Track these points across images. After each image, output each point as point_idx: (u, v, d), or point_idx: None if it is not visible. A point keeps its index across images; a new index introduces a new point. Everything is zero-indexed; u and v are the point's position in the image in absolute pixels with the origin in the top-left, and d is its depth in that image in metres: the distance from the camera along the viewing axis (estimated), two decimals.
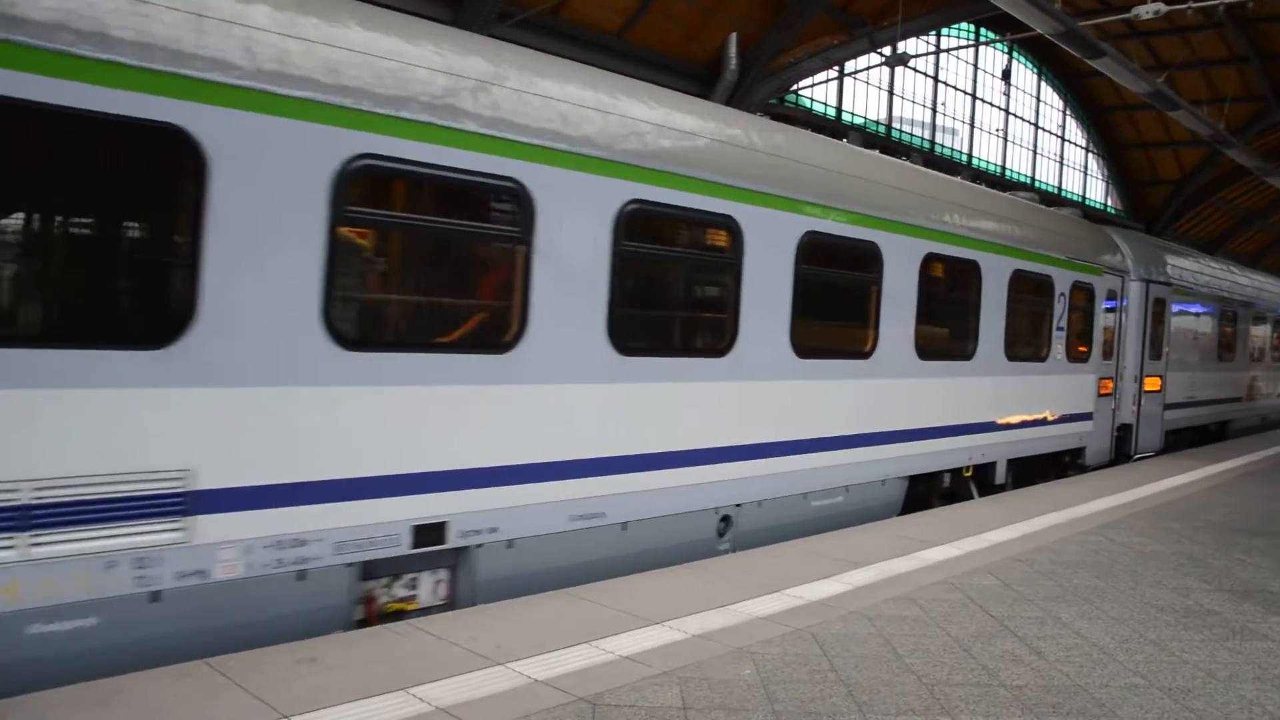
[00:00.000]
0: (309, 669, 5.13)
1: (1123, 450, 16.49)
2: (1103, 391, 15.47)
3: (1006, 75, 35.57)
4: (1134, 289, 16.65)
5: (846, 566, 7.92)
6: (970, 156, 36.73)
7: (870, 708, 5.12)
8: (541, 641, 5.74)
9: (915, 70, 33.37)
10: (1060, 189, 42.53)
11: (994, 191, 14.43)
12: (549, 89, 7.25)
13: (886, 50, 24.86)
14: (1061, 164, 42.97)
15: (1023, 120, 40.24)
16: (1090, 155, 44.75)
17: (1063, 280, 14.02)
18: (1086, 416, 15.06)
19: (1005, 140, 39.20)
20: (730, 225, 8.56)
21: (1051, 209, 15.61)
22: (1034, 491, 12.38)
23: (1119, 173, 45.74)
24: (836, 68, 28.52)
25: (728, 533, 8.81)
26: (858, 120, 30.71)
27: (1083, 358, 14.82)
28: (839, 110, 30.04)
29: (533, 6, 19.93)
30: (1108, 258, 15.73)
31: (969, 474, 12.35)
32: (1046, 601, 7.34)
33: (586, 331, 7.43)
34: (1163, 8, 17.58)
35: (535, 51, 7.80)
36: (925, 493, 11.69)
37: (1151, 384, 16.90)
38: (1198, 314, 20.18)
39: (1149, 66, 28.64)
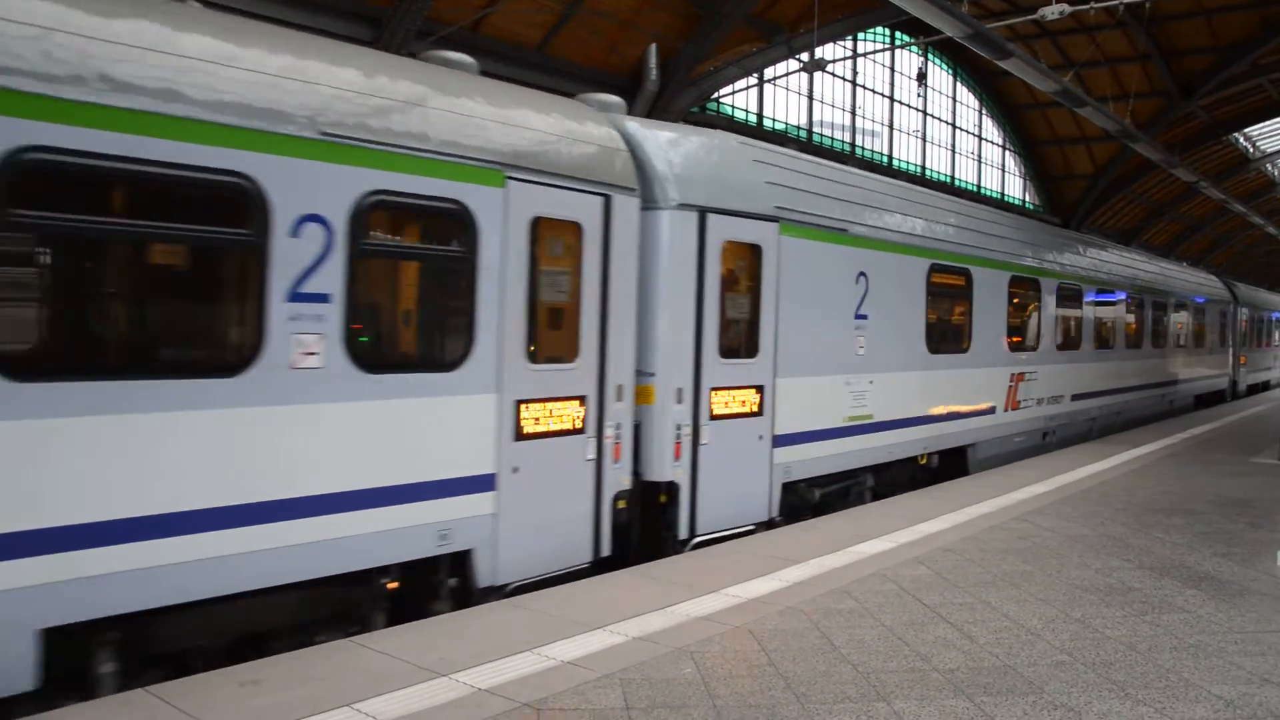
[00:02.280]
0: (253, 691, 5.13)
1: (648, 539, 9.12)
2: (534, 431, 7.64)
3: (921, 77, 36.23)
4: (662, 221, 8.98)
5: (783, 564, 8.08)
6: (890, 158, 37.40)
7: (808, 698, 5.26)
8: (485, 651, 5.80)
9: (833, 75, 33.90)
10: (979, 186, 43.47)
11: None
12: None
13: (804, 56, 25.25)
14: (980, 162, 43.92)
15: (940, 121, 41.07)
16: (1007, 153, 45.78)
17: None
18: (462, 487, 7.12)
19: (924, 141, 39.98)
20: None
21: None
22: (962, 483, 12.69)
23: (1035, 169, 46.85)
24: (756, 75, 28.87)
25: None
26: (779, 126, 31.12)
27: (426, 362, 7.22)
28: (760, 116, 30.43)
29: (452, 24, 19.93)
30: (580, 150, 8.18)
31: None
32: (976, 588, 7.57)
33: None
34: (1067, 8, 18.08)
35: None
36: None
37: (731, 400, 9.42)
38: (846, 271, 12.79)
39: (1058, 65, 29.42)
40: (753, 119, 30.03)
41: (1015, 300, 15.63)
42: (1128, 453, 16.04)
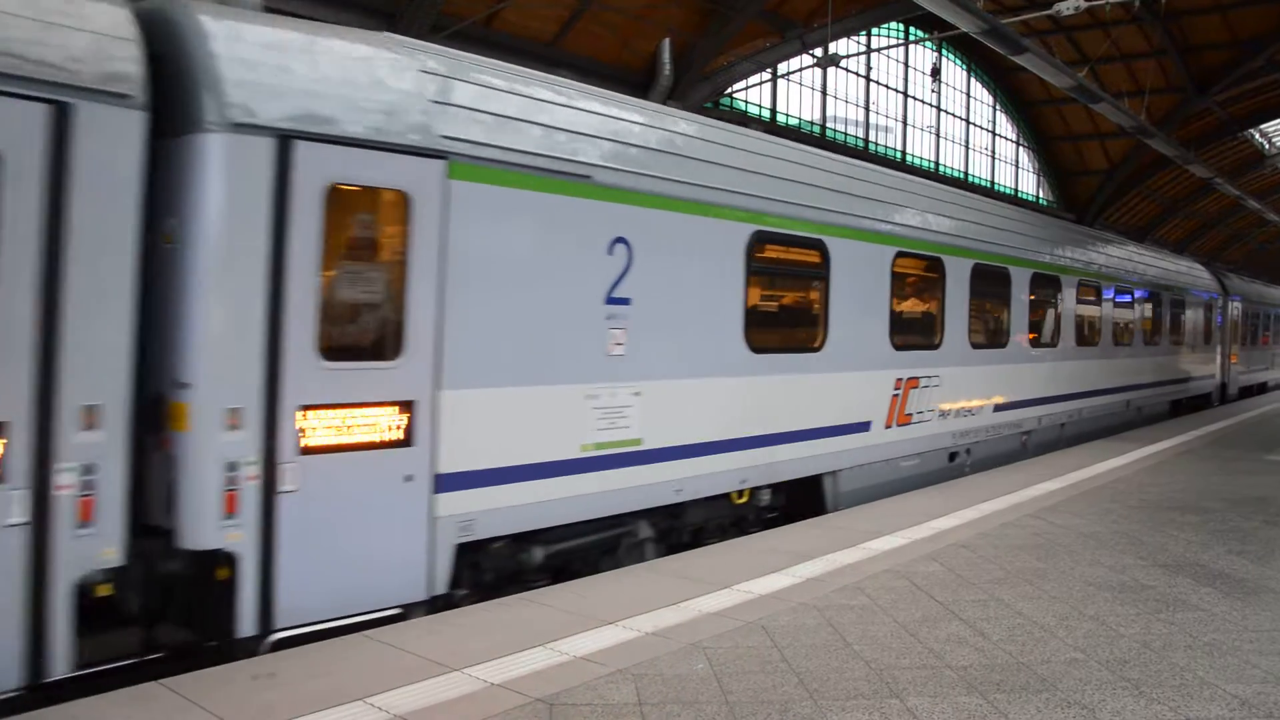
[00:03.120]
0: (266, 684, 5.15)
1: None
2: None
3: (936, 73, 36.21)
4: (203, 150, 6.02)
5: (795, 560, 8.07)
6: (904, 154, 37.29)
7: (821, 694, 5.25)
8: (497, 646, 5.81)
9: (847, 70, 33.83)
10: (993, 182, 43.31)
11: None
12: None
13: (818, 51, 25.20)
14: (993, 158, 43.76)
15: (954, 116, 40.94)
16: (1021, 148, 45.61)
17: None
18: None
19: (938, 136, 39.84)
20: None
21: None
22: (977, 479, 12.65)
23: (1049, 165, 46.67)
24: (769, 70, 28.83)
25: None
26: (792, 121, 31.06)
27: None
28: (773, 112, 30.37)
29: (465, 18, 19.95)
30: None
31: None
32: (989, 584, 7.54)
33: None
34: (1082, 4, 18.00)
35: None
36: None
37: (345, 423, 6.46)
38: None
39: (1073, 61, 29.32)
40: (766, 114, 29.98)
41: (905, 284, 12.47)
42: (1142, 450, 15.96)
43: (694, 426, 9.03)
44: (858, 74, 34.70)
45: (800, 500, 10.62)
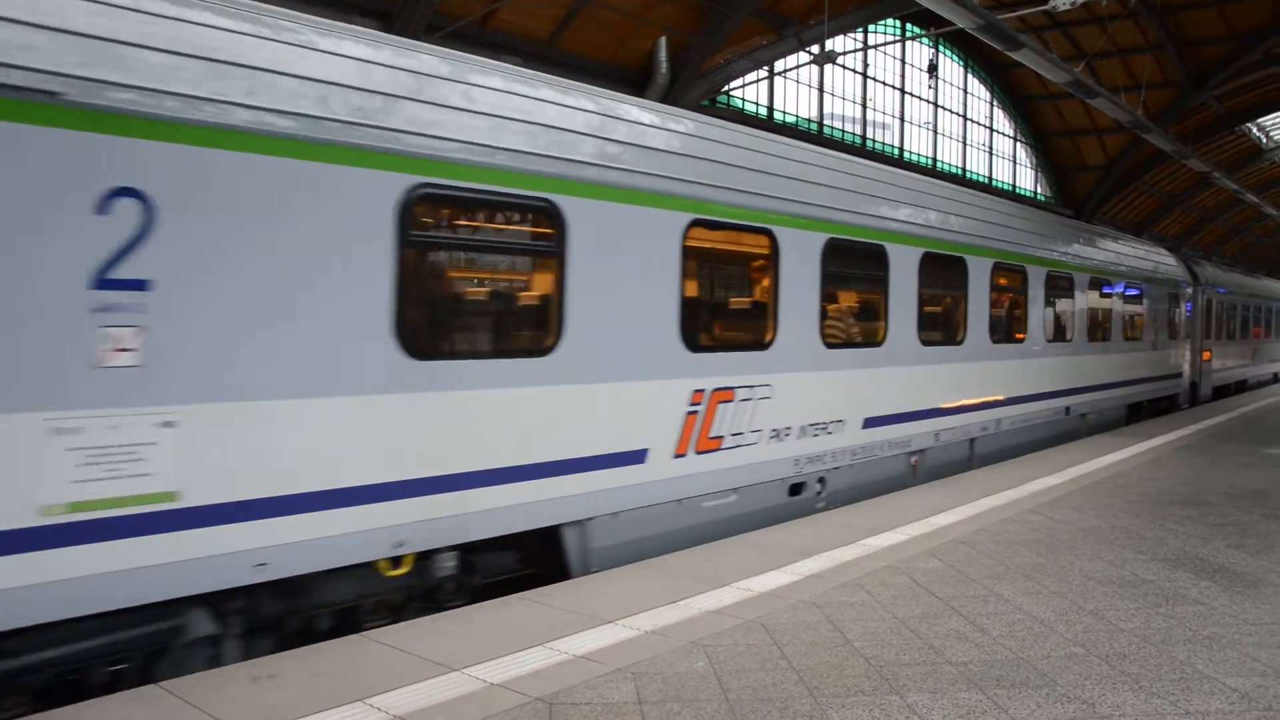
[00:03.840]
0: (267, 686, 5.15)
1: None
2: None
3: (932, 69, 36.19)
4: None
5: (795, 557, 8.07)
6: (901, 150, 37.29)
7: (821, 691, 5.25)
8: (497, 646, 5.81)
9: (844, 67, 33.82)
10: (991, 178, 43.30)
11: None
12: None
13: (815, 49, 25.21)
14: (991, 154, 43.76)
15: (951, 112, 40.93)
16: (1018, 144, 45.61)
17: None
18: None
19: (935, 133, 39.84)
20: None
21: None
22: (976, 475, 12.64)
23: (1047, 161, 46.67)
24: (766, 68, 28.81)
25: None
26: (790, 119, 31.05)
27: None
28: (770, 109, 30.36)
29: (461, 18, 19.94)
30: None
31: None
32: (989, 580, 7.54)
33: None
34: None
35: None
36: None
37: None
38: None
39: (1070, 56, 29.36)
40: (763, 112, 29.97)
41: (707, 265, 9.79)
42: (1141, 444, 15.96)
43: (299, 467, 6.16)
44: (855, 71, 34.70)
45: (537, 560, 8.09)
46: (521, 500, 7.41)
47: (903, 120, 37.73)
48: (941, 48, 38.73)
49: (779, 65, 29.29)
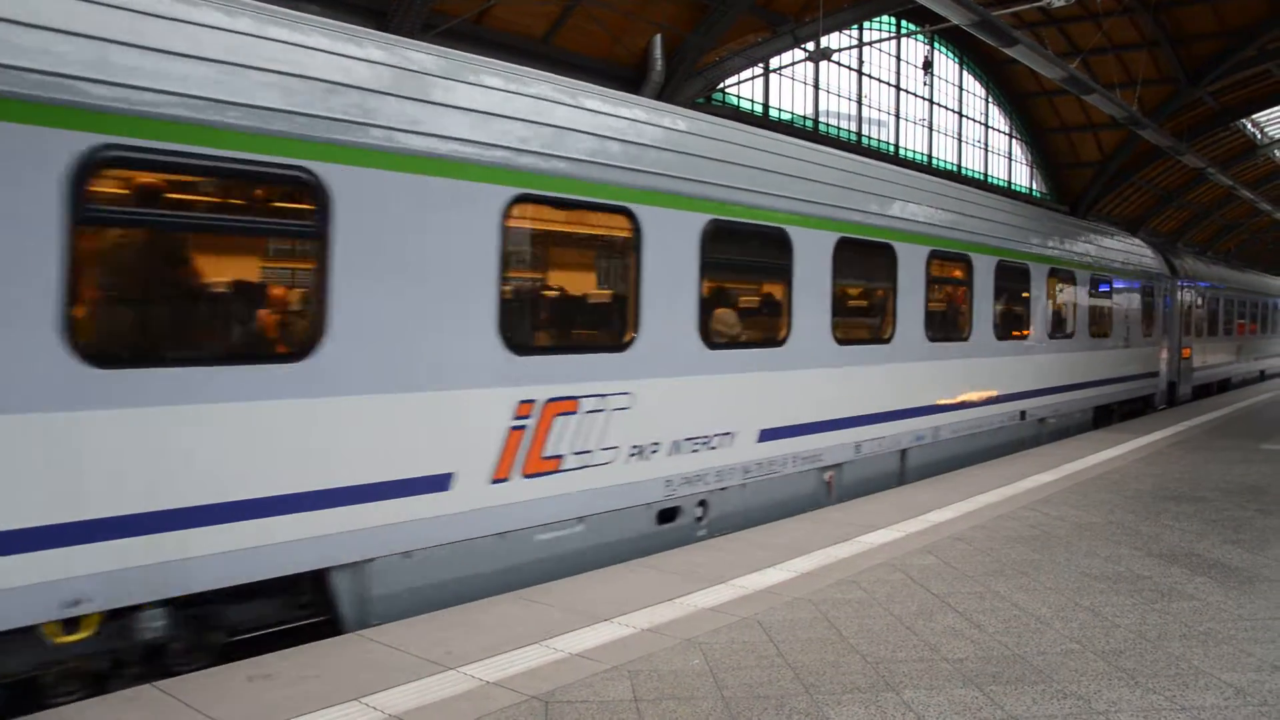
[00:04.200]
0: (262, 685, 5.14)
1: None
2: None
3: (928, 66, 36.17)
4: None
5: (791, 555, 8.07)
6: (897, 147, 37.29)
7: (817, 688, 5.25)
8: (493, 644, 5.80)
9: (839, 64, 33.82)
10: (987, 175, 43.33)
11: None
12: None
13: (810, 46, 25.20)
14: (986, 150, 43.77)
15: (947, 109, 40.93)
16: (1014, 141, 45.63)
17: None
18: None
19: (931, 130, 39.84)
20: None
21: None
22: (973, 471, 12.64)
23: (1042, 157, 46.69)
24: (761, 65, 28.79)
25: None
26: (785, 116, 31.04)
27: None
28: (766, 107, 30.35)
29: (456, 16, 19.91)
30: None
31: None
32: (985, 577, 7.55)
33: None
34: None
35: None
36: None
37: None
38: None
39: (1065, 52, 29.36)
40: (759, 109, 29.96)
41: (535, 245, 8.07)
42: (1137, 440, 15.98)
43: None
44: (850, 68, 34.69)
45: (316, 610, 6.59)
46: (269, 540, 5.97)
47: (898, 117, 37.73)
48: (937, 44, 38.73)
49: (774, 62, 29.28)
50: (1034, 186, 46.88)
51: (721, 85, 27.37)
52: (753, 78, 29.27)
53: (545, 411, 7.57)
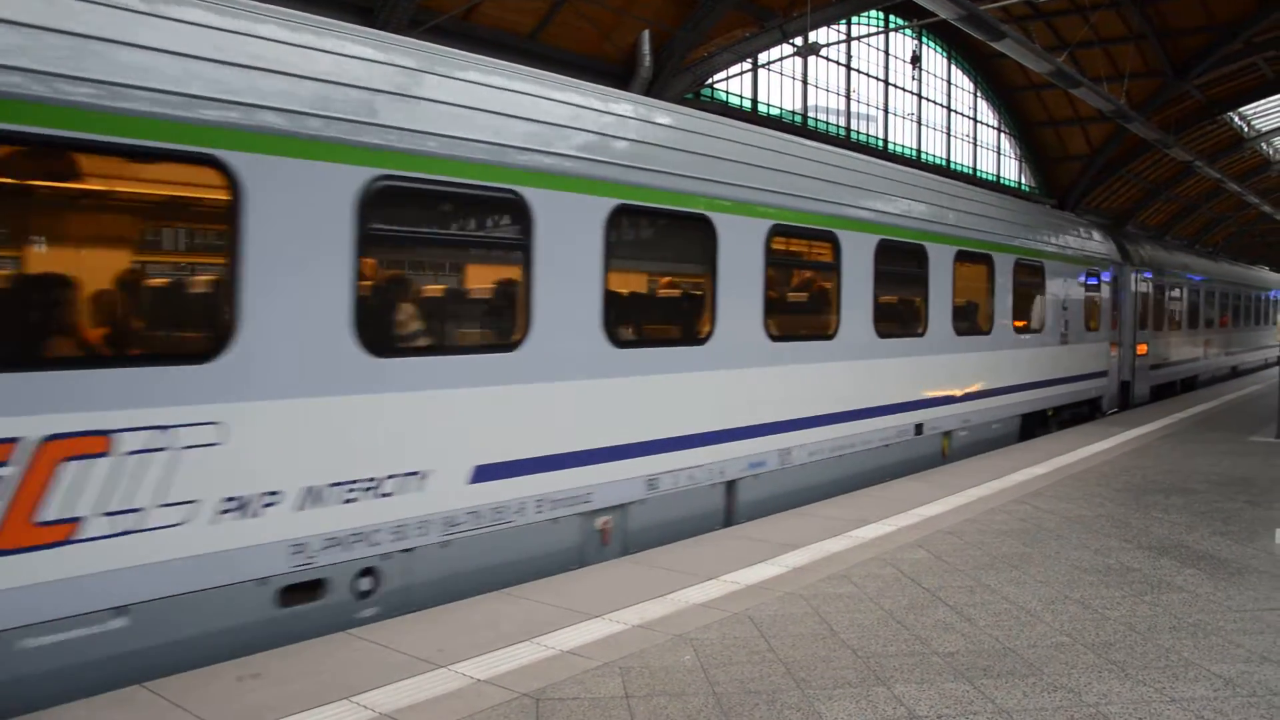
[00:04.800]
0: (251, 685, 5.12)
1: None
2: None
3: (916, 60, 36.22)
4: None
5: (782, 550, 8.07)
6: (886, 141, 37.31)
7: (808, 683, 5.25)
8: (483, 642, 5.79)
9: (828, 59, 33.80)
10: (975, 169, 43.38)
11: None
12: None
13: (798, 41, 25.18)
14: (975, 145, 43.82)
15: (935, 104, 40.96)
16: (1002, 135, 45.67)
17: None
18: None
19: (919, 124, 39.87)
20: None
21: None
22: (963, 465, 12.66)
23: (1031, 151, 46.73)
24: (750, 60, 28.77)
25: None
26: (774, 111, 31.03)
27: None
28: (754, 102, 30.33)
29: (444, 12, 19.85)
30: None
31: None
32: (976, 570, 7.56)
33: None
34: None
35: None
36: None
37: None
38: None
39: (1053, 46, 29.36)
40: (747, 104, 29.95)
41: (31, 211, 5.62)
42: (1126, 433, 16.02)
43: None
44: (838, 63, 34.67)
45: None
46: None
47: (887, 112, 37.74)
48: (925, 39, 38.75)
49: (762, 58, 29.26)
50: (1023, 180, 46.95)
51: (710, 81, 27.34)
52: (741, 73, 29.23)
53: (41, 455, 5.10)
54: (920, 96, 39.71)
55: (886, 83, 37.54)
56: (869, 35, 34.58)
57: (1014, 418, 15.75)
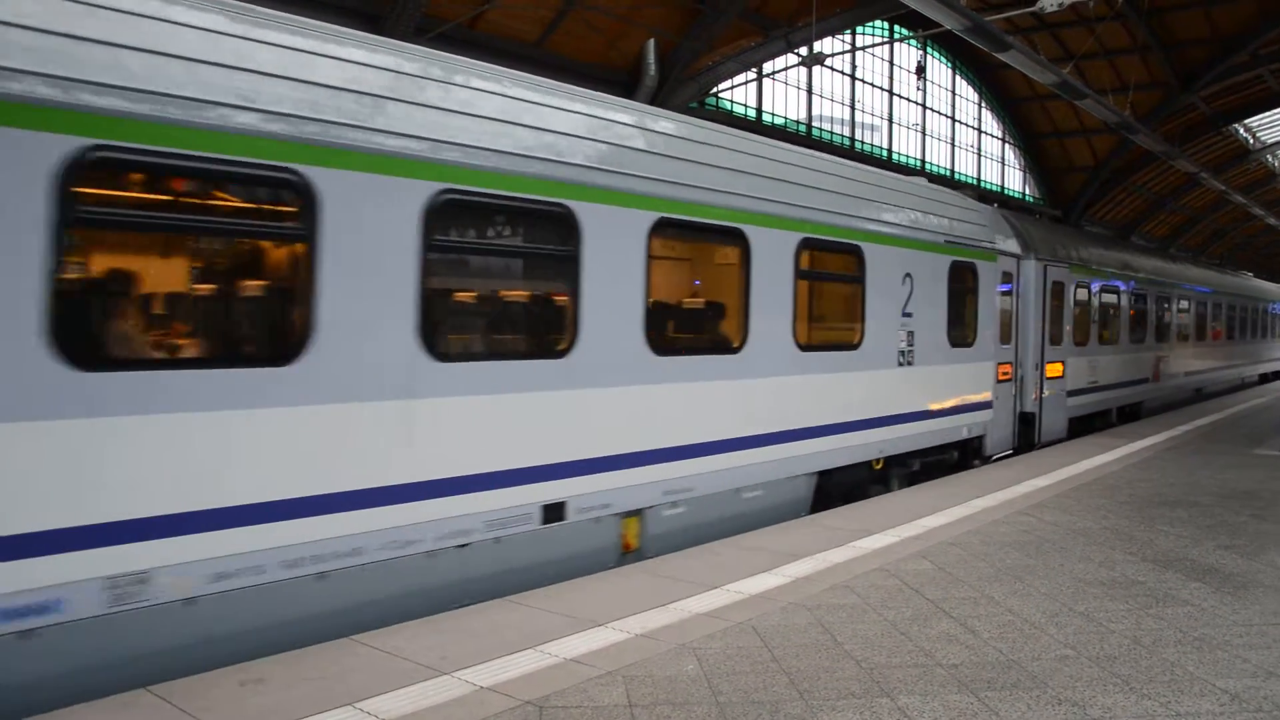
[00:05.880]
0: (255, 690, 5.11)
1: None
2: None
3: (920, 71, 36.26)
4: None
5: (785, 560, 8.05)
6: (890, 152, 37.34)
7: (812, 694, 5.24)
8: (487, 649, 5.78)
9: (832, 69, 33.85)
10: (980, 180, 43.40)
11: None
12: None
13: (803, 50, 25.22)
14: (979, 155, 43.85)
15: (940, 114, 41.00)
16: (1007, 146, 45.71)
17: None
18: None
19: (924, 134, 39.90)
20: None
21: None
22: (967, 476, 12.64)
23: (1035, 162, 46.78)
24: (755, 70, 28.82)
25: None
26: (778, 121, 31.07)
27: None
28: (759, 111, 30.37)
29: (449, 20, 19.90)
30: None
31: None
32: (980, 582, 7.54)
33: None
34: (1065, 0, 18.05)
35: None
36: None
37: None
38: None
39: (1058, 58, 29.45)
40: (752, 114, 29.98)
41: None
42: (1130, 445, 16.00)
43: None
44: (843, 73, 34.73)
45: None
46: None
47: (891, 122, 37.78)
48: (929, 49, 38.80)
49: (767, 67, 29.31)
50: (1027, 191, 46.98)
51: (715, 90, 27.39)
52: (746, 83, 29.27)
53: None
54: (925, 107, 39.76)
55: (891, 92, 37.61)
56: (874, 45, 34.62)
57: (799, 477, 10.58)
